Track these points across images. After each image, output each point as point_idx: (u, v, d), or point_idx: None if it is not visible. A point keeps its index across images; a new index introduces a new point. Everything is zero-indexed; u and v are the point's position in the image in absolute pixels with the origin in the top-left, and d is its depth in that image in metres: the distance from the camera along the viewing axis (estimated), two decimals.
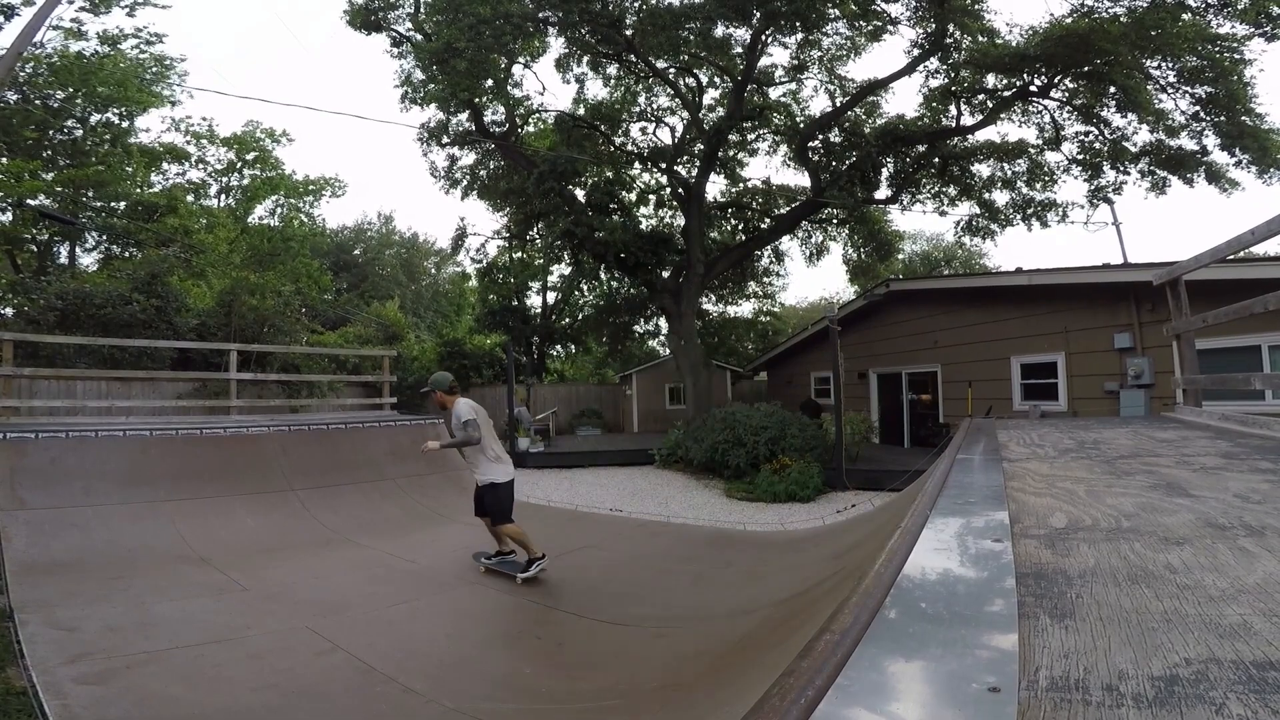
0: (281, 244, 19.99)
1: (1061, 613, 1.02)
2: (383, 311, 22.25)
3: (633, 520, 7.26)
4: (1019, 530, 1.55)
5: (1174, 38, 10.41)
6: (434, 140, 16.30)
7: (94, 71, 15.19)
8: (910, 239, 27.95)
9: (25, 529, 4.88)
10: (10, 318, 12.77)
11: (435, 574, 4.89)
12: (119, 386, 10.13)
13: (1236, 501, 1.73)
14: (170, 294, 13.09)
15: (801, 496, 9.39)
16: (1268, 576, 1.12)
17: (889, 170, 15.23)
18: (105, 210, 17.45)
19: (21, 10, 13.05)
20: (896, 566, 1.28)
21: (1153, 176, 12.90)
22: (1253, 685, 0.75)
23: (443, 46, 11.94)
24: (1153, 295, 7.69)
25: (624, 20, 12.96)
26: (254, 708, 2.77)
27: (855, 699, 0.79)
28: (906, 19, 12.90)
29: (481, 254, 21.89)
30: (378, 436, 8.06)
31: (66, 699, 2.70)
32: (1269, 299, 3.22)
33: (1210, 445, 2.89)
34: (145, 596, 4.11)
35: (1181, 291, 4.55)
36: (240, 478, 6.47)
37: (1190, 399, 4.56)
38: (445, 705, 2.79)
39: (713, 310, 22.76)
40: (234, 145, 20.88)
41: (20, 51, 7.92)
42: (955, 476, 2.40)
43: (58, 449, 5.70)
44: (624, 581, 4.72)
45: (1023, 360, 10.56)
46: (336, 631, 3.61)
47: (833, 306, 13.62)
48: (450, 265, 33.89)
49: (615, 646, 3.44)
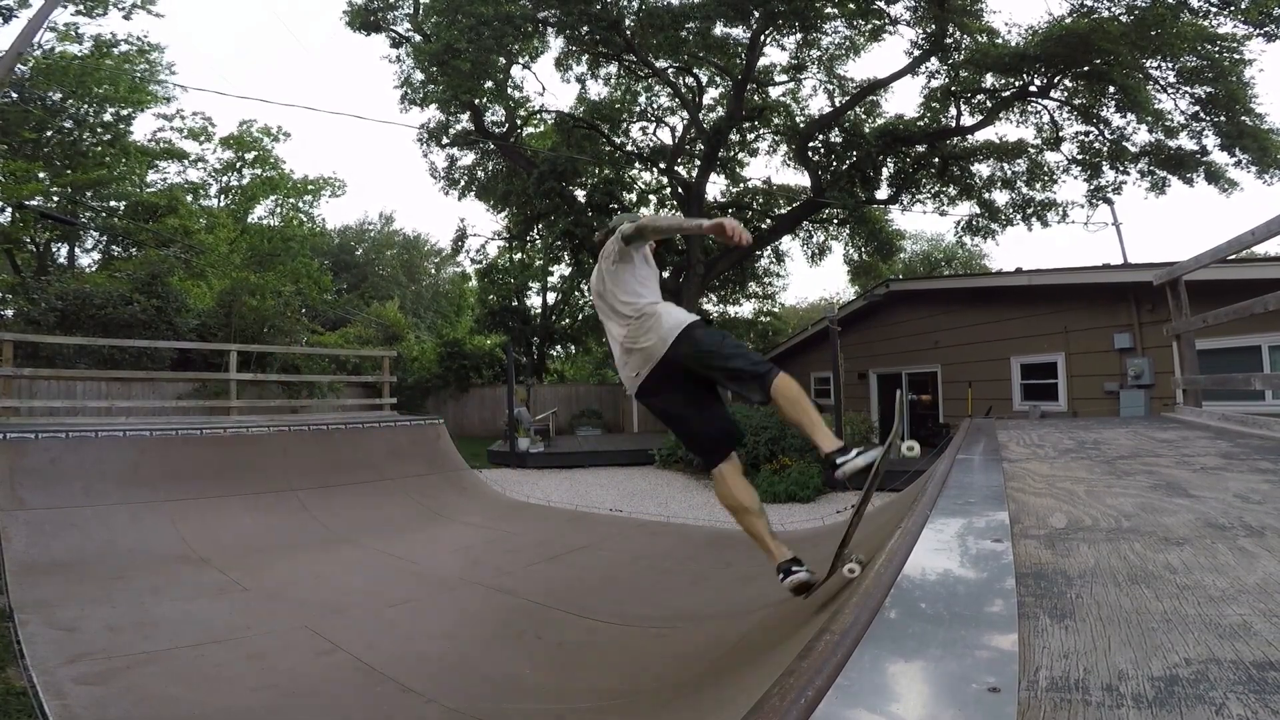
0: (281, 244, 20.01)
1: (1061, 613, 1.02)
2: (383, 312, 22.26)
3: (633, 520, 7.26)
4: (1019, 530, 1.55)
5: (1174, 38, 10.42)
6: (434, 141, 16.31)
7: (90, 73, 15.20)
8: (911, 239, 27.96)
9: (25, 529, 4.88)
10: (10, 318, 12.78)
11: (435, 574, 4.89)
12: (119, 387, 10.13)
13: (1236, 501, 1.73)
14: (170, 294, 13.09)
15: (801, 497, 9.39)
16: (1268, 577, 1.12)
17: (889, 170, 15.25)
18: (105, 211, 17.46)
19: (19, 13, 13.07)
20: (896, 566, 1.28)
21: (1152, 176, 12.91)
22: (1253, 685, 0.75)
23: (442, 48, 11.94)
24: (1153, 295, 7.69)
25: (623, 21, 12.97)
26: (254, 708, 2.77)
27: (855, 699, 0.79)
28: (906, 19, 12.92)
29: (481, 254, 21.92)
30: (378, 437, 8.06)
31: (66, 699, 2.70)
32: (1269, 299, 3.22)
33: (1210, 445, 2.89)
34: (145, 596, 4.11)
35: (1181, 292, 4.55)
36: (240, 478, 6.47)
37: (1190, 399, 4.56)
38: (445, 705, 2.79)
39: (713, 310, 22.76)
40: (233, 145, 20.89)
41: (20, 52, 7.93)
42: (955, 476, 2.40)
43: (58, 449, 5.70)
44: (624, 581, 4.71)
45: (1023, 360, 10.56)
46: (336, 631, 3.60)
47: (833, 306, 13.62)
48: (450, 266, 33.93)
49: (615, 646, 3.44)
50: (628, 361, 2.54)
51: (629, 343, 2.51)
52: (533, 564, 5.05)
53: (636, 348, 2.49)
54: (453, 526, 6.31)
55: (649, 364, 2.47)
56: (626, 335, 2.52)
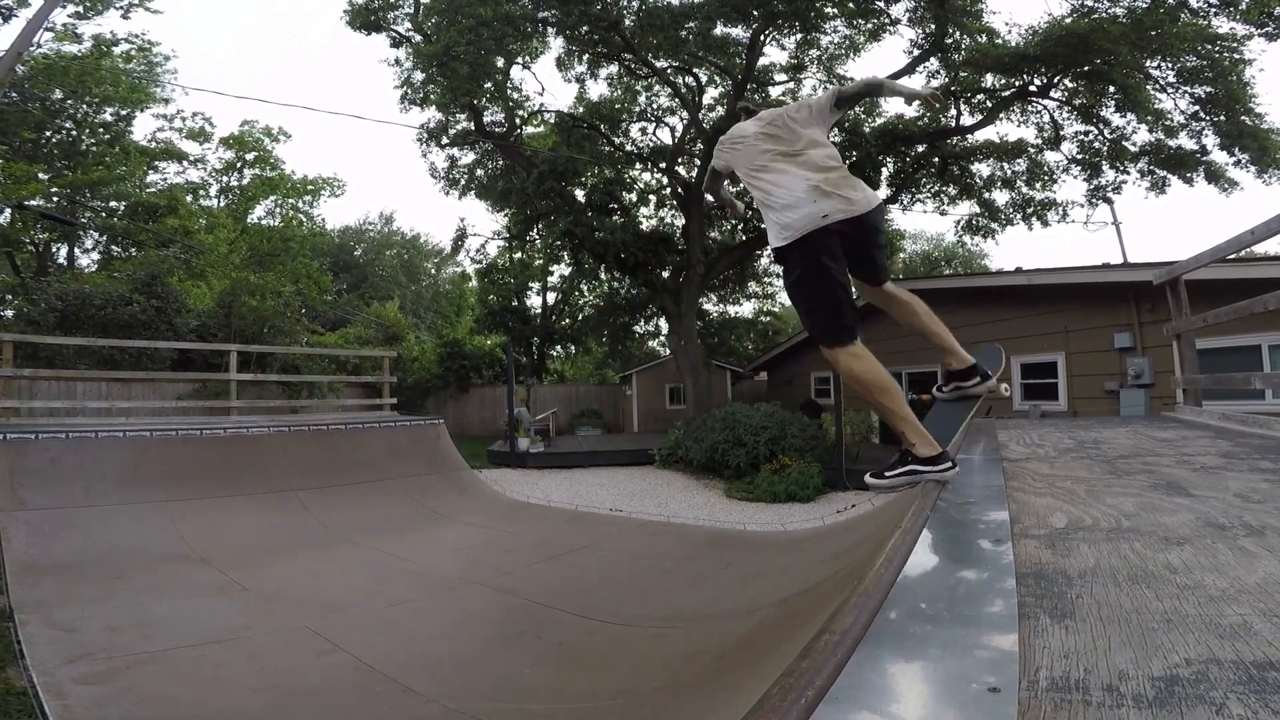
0: (281, 244, 20.01)
1: (1061, 613, 1.02)
2: (383, 312, 22.26)
3: (633, 520, 7.26)
4: (1019, 530, 1.55)
5: (1174, 38, 10.42)
6: (433, 141, 16.31)
7: (90, 73, 15.20)
8: (911, 239, 27.97)
9: (25, 529, 4.87)
10: (10, 319, 12.78)
11: (435, 574, 4.89)
12: (119, 387, 10.13)
13: (1237, 501, 1.73)
14: (170, 295, 13.09)
15: (801, 497, 9.40)
16: (1268, 576, 1.12)
17: (889, 170, 15.25)
18: (105, 211, 17.46)
19: (19, 12, 13.06)
20: (896, 566, 1.28)
21: (1152, 176, 12.91)
22: (1253, 685, 0.75)
23: (442, 49, 11.94)
24: (1153, 295, 7.69)
25: (623, 22, 12.97)
26: (254, 708, 2.77)
27: (855, 699, 0.79)
28: (906, 19, 12.92)
29: (481, 254, 21.92)
30: (378, 437, 8.06)
31: (66, 699, 2.70)
32: (1269, 299, 3.22)
33: (1210, 445, 2.89)
34: (145, 596, 4.11)
35: (1181, 291, 4.55)
36: (240, 478, 6.46)
37: (1190, 399, 4.56)
38: (445, 705, 2.79)
39: (713, 310, 22.79)
40: (233, 145, 20.89)
41: (20, 51, 7.92)
42: (955, 477, 2.39)
43: (58, 450, 5.70)
44: (624, 581, 4.71)
45: (1023, 360, 10.56)
46: (336, 631, 3.60)
47: None
48: (450, 266, 33.95)
49: (615, 646, 3.44)
50: (818, 202, 2.32)
51: (829, 186, 2.34)
52: (533, 564, 5.05)
53: (839, 193, 2.33)
54: (453, 526, 6.31)
55: (845, 214, 2.29)
56: (826, 180, 2.37)
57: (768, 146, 2.57)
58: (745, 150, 2.62)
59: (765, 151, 2.56)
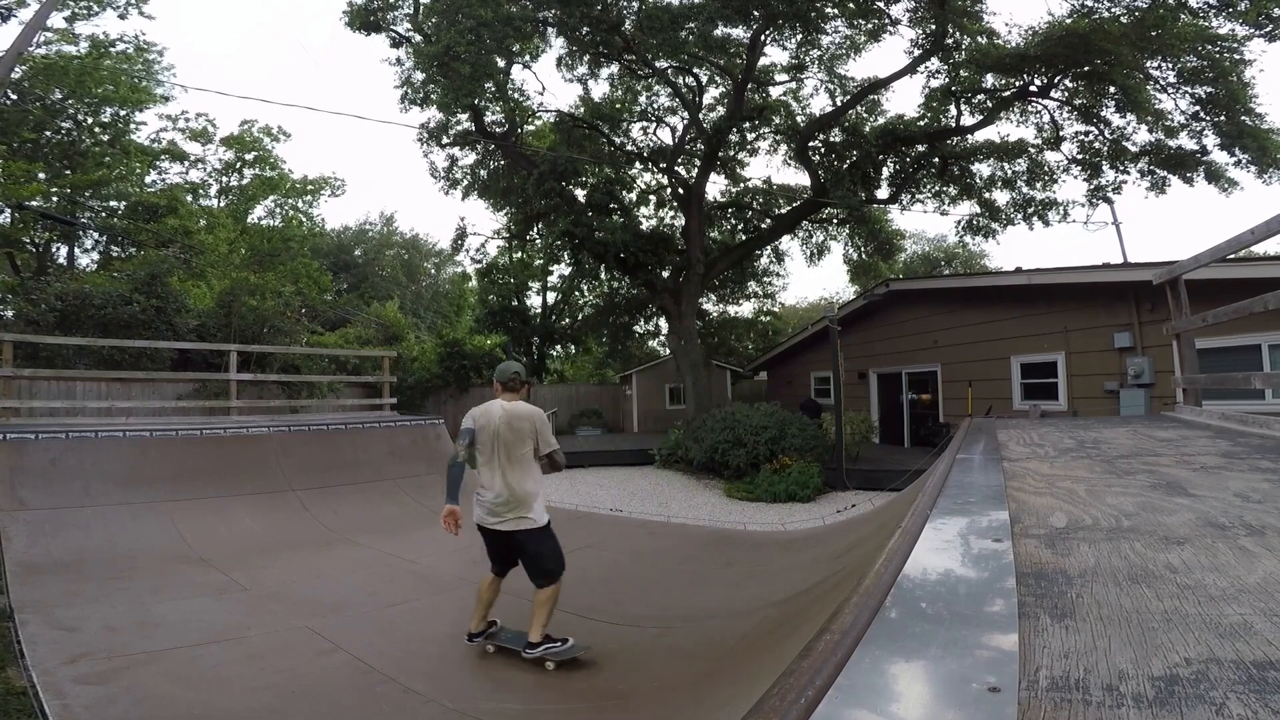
0: (281, 244, 20.00)
1: (1062, 613, 1.02)
2: (383, 312, 22.24)
3: (633, 520, 7.26)
4: (1019, 530, 1.55)
5: (1174, 38, 10.41)
6: (434, 141, 16.29)
7: (90, 73, 15.19)
8: (911, 239, 27.94)
9: (25, 529, 4.88)
10: (10, 319, 12.77)
11: (435, 574, 4.89)
12: (119, 387, 10.13)
13: (1237, 501, 1.73)
14: (170, 295, 13.06)
15: (801, 496, 9.39)
16: (1268, 576, 1.12)
17: (889, 170, 15.24)
18: (105, 211, 17.45)
19: (18, 12, 13.06)
20: (896, 566, 1.28)
21: (1152, 176, 12.90)
22: (1253, 685, 0.75)
23: (443, 50, 11.93)
24: (1153, 295, 7.69)
25: (623, 23, 12.96)
26: (254, 708, 2.77)
27: (855, 699, 0.79)
28: (906, 19, 12.92)
29: (481, 254, 21.86)
30: (377, 437, 8.06)
31: (66, 699, 2.70)
32: (1269, 299, 3.21)
33: (1210, 444, 2.89)
34: (145, 596, 4.11)
35: (1181, 291, 4.55)
36: (240, 478, 6.47)
37: (1190, 398, 4.56)
38: (445, 705, 2.79)
39: (713, 310, 22.76)
40: (234, 145, 20.89)
41: (20, 51, 7.92)
42: (955, 476, 2.40)
43: (57, 449, 5.70)
44: (624, 581, 4.72)
45: (1023, 360, 10.56)
46: (336, 631, 3.61)
47: (833, 306, 13.62)
48: (450, 266, 33.93)
49: (615, 646, 3.45)
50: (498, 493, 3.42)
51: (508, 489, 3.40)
52: None
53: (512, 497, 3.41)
54: None
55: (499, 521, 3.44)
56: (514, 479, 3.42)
57: (509, 435, 3.45)
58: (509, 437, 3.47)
59: (510, 436, 3.44)
